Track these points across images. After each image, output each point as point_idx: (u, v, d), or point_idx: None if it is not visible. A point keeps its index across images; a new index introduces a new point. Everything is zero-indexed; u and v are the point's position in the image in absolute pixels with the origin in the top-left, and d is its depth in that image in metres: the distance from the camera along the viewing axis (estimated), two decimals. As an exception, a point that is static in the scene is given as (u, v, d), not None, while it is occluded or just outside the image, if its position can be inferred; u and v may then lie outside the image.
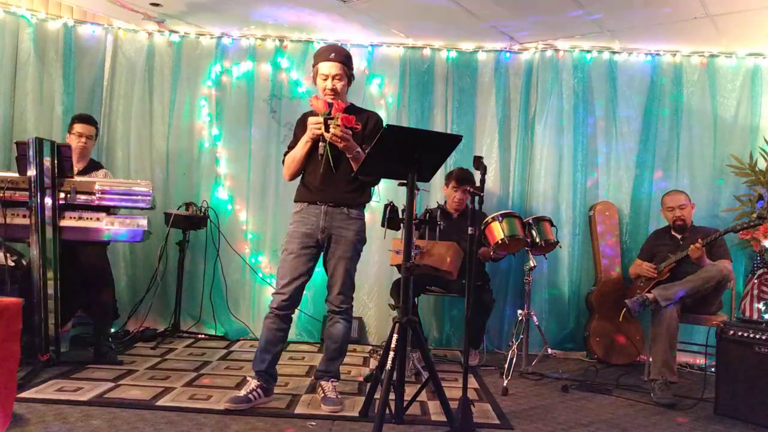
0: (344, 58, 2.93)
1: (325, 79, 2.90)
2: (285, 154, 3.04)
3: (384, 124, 2.49)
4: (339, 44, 4.63)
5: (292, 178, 3.04)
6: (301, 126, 3.02)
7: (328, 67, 2.89)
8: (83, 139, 3.83)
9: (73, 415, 2.59)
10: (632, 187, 4.60)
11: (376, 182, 3.05)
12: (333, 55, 2.90)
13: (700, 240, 3.62)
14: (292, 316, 2.99)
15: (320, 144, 2.82)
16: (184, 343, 4.26)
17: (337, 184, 2.92)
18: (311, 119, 2.86)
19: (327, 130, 2.77)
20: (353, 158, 2.84)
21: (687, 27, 4.08)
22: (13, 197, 3.25)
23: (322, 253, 3.00)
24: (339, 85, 2.90)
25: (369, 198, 3.07)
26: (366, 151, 2.66)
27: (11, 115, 4.46)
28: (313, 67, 2.97)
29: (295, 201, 3.03)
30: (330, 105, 2.82)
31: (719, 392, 3.15)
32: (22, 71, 4.47)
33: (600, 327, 4.27)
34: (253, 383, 2.90)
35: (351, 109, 2.99)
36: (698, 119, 4.56)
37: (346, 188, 2.93)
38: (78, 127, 3.85)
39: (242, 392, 2.87)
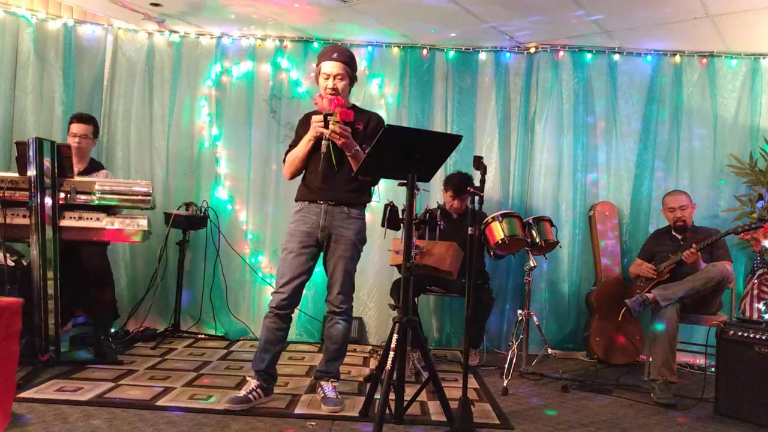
0: (347, 59, 2.93)
1: (327, 79, 2.90)
2: (286, 153, 3.05)
3: (384, 124, 2.49)
4: (340, 44, 4.65)
5: (293, 176, 3.05)
6: (303, 125, 3.03)
7: (330, 67, 2.90)
8: (77, 139, 3.80)
9: (73, 415, 2.59)
10: (632, 187, 4.60)
11: (376, 182, 3.05)
12: (336, 54, 2.91)
13: (694, 245, 3.62)
14: (292, 315, 2.99)
15: (323, 142, 2.83)
16: (184, 343, 4.25)
17: (338, 183, 2.92)
18: (315, 117, 2.88)
19: (327, 127, 2.79)
20: (352, 157, 2.84)
21: (687, 27, 4.08)
22: (13, 197, 3.25)
23: (322, 253, 3.01)
24: (340, 84, 2.90)
25: (370, 198, 3.08)
26: (366, 151, 2.66)
27: (11, 115, 4.46)
28: (317, 66, 2.98)
29: (296, 200, 3.04)
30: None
31: (719, 392, 3.15)
32: (22, 71, 4.46)
33: (600, 327, 4.27)
34: (252, 383, 2.90)
35: (353, 110, 3.00)
36: (698, 119, 4.56)
37: (346, 188, 2.93)
38: (73, 127, 3.83)
39: (242, 392, 2.87)
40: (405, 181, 2.57)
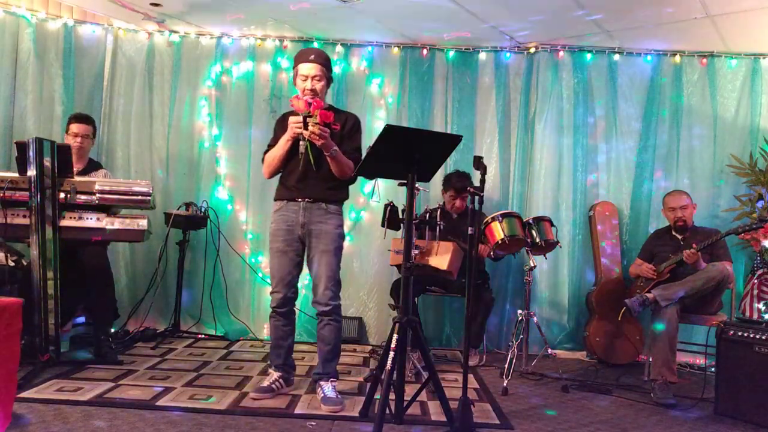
0: (324, 60, 3.02)
1: (305, 80, 2.97)
2: (265, 153, 3.12)
3: (384, 125, 2.50)
4: (338, 44, 4.66)
5: (271, 176, 3.12)
6: (281, 125, 3.10)
7: (308, 69, 2.97)
8: (79, 139, 3.83)
9: (73, 415, 2.59)
10: (632, 187, 4.60)
11: (354, 181, 3.11)
12: (312, 56, 2.99)
13: (694, 245, 3.62)
14: (294, 310, 3.11)
15: (301, 143, 2.90)
16: (184, 343, 4.25)
17: (316, 182, 2.99)
18: (292, 118, 2.94)
19: (306, 128, 2.84)
20: (331, 156, 2.90)
21: (687, 27, 4.08)
22: (13, 197, 3.25)
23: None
24: (318, 85, 2.97)
25: (347, 196, 3.14)
26: (366, 151, 2.68)
27: (11, 115, 4.46)
28: (293, 68, 3.06)
29: (275, 200, 3.11)
30: (310, 104, 2.89)
31: (719, 392, 3.15)
32: (22, 71, 4.47)
33: (600, 327, 4.27)
34: (274, 375, 3.07)
35: (330, 110, 3.04)
36: (698, 119, 4.56)
37: (324, 186, 3.00)
38: (74, 127, 3.85)
39: (265, 383, 3.05)
40: (405, 181, 2.58)
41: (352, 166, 2.97)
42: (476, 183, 2.73)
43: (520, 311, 3.81)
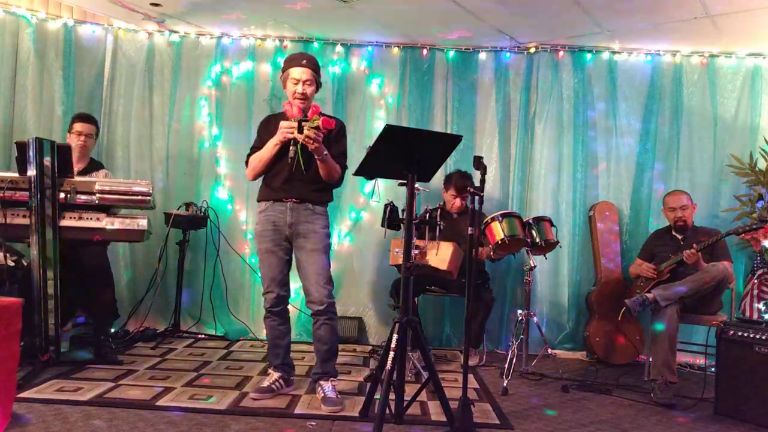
0: (314, 66, 3.05)
1: (296, 84, 3.00)
2: (248, 156, 3.13)
3: (384, 124, 2.51)
4: (338, 44, 4.66)
5: (256, 178, 3.12)
6: (266, 128, 3.11)
7: (300, 73, 3.00)
8: (82, 138, 3.84)
9: (73, 415, 2.59)
10: (632, 187, 4.60)
11: (339, 184, 3.14)
12: (304, 61, 3.02)
13: (694, 246, 3.62)
14: (288, 308, 3.13)
15: (291, 147, 2.91)
16: (184, 343, 4.26)
17: (302, 183, 3.01)
18: (283, 123, 2.94)
19: (300, 132, 2.86)
20: (322, 160, 2.93)
21: (687, 27, 4.08)
22: (13, 197, 3.25)
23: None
24: (309, 90, 3.01)
25: (332, 198, 3.17)
26: (367, 151, 2.69)
27: (11, 115, 4.46)
28: (283, 72, 3.07)
29: (259, 201, 3.12)
30: (304, 110, 2.92)
31: (719, 392, 3.15)
32: (22, 71, 4.47)
33: (600, 327, 4.27)
34: (274, 375, 3.11)
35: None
36: (698, 119, 4.56)
37: (310, 188, 3.02)
38: (78, 126, 3.86)
39: (265, 383, 3.06)
40: (405, 181, 2.58)
41: (339, 170, 3.03)
42: (476, 183, 2.74)
43: (520, 311, 3.82)
